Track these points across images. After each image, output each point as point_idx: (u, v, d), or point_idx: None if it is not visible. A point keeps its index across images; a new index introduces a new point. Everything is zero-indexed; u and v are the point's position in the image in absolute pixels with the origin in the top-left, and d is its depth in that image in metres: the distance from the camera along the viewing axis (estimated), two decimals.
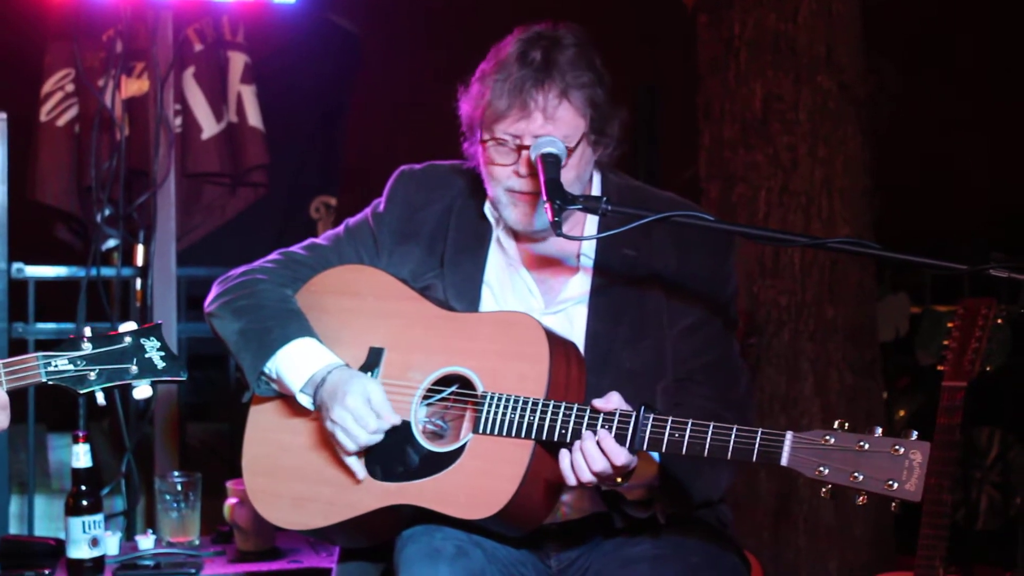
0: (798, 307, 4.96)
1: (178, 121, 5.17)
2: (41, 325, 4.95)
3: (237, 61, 5.39)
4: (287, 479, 3.04)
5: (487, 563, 2.82)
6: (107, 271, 5.07)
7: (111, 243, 5.23)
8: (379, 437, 2.89)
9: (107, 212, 5.02)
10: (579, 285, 3.01)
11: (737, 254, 3.07)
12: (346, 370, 2.96)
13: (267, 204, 5.79)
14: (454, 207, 3.12)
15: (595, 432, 2.67)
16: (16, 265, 4.84)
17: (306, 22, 5.65)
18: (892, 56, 6.78)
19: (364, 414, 2.86)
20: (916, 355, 6.44)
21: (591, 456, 2.66)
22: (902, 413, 6.67)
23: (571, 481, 2.69)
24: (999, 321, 3.45)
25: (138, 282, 5.26)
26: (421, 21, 7.78)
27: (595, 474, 2.66)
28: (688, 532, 2.90)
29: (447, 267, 3.06)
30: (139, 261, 5.26)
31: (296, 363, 2.98)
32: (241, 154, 5.38)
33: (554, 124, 2.86)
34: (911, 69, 7.25)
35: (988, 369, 3.42)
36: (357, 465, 2.92)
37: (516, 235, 3.04)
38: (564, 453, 2.70)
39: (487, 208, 3.07)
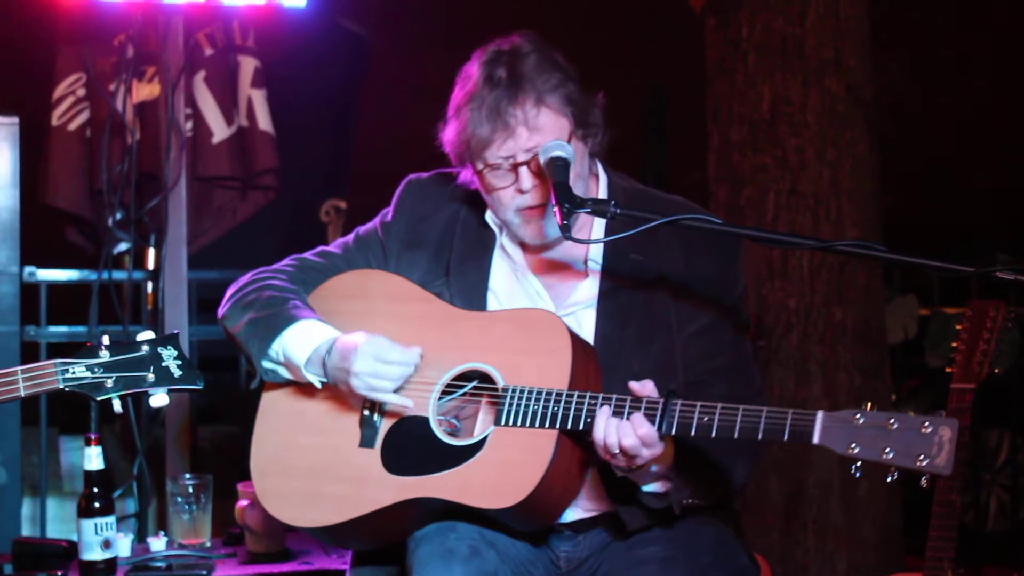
0: (807, 309, 4.97)
1: (189, 125, 5.19)
2: (53, 328, 4.98)
3: (247, 65, 5.41)
4: (299, 478, 3.05)
5: (500, 563, 2.83)
6: (118, 274, 5.10)
7: (122, 247, 5.25)
8: (410, 369, 2.91)
9: (118, 216, 5.04)
10: (587, 289, 3.02)
11: (744, 256, 3.08)
12: (351, 335, 2.98)
13: (277, 207, 5.80)
14: (460, 215, 3.14)
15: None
16: (28, 269, 4.86)
17: (316, 26, 5.67)
18: (900, 59, 6.78)
19: (385, 352, 2.89)
20: (925, 357, 6.44)
21: (623, 430, 2.68)
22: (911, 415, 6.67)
23: (600, 441, 2.70)
24: (1008, 323, 3.46)
25: (149, 285, 5.28)
26: (430, 24, 7.81)
27: (623, 449, 2.68)
28: (698, 534, 2.91)
29: (452, 275, 3.09)
30: (150, 264, 5.29)
31: (301, 340, 3.00)
32: (251, 158, 5.40)
33: (540, 133, 2.88)
34: (919, 71, 7.25)
35: (996, 371, 3.43)
36: (402, 400, 2.93)
37: (523, 243, 3.06)
38: (599, 427, 2.71)
39: (488, 216, 3.10)
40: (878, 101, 5.15)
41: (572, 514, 2.98)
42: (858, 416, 2.52)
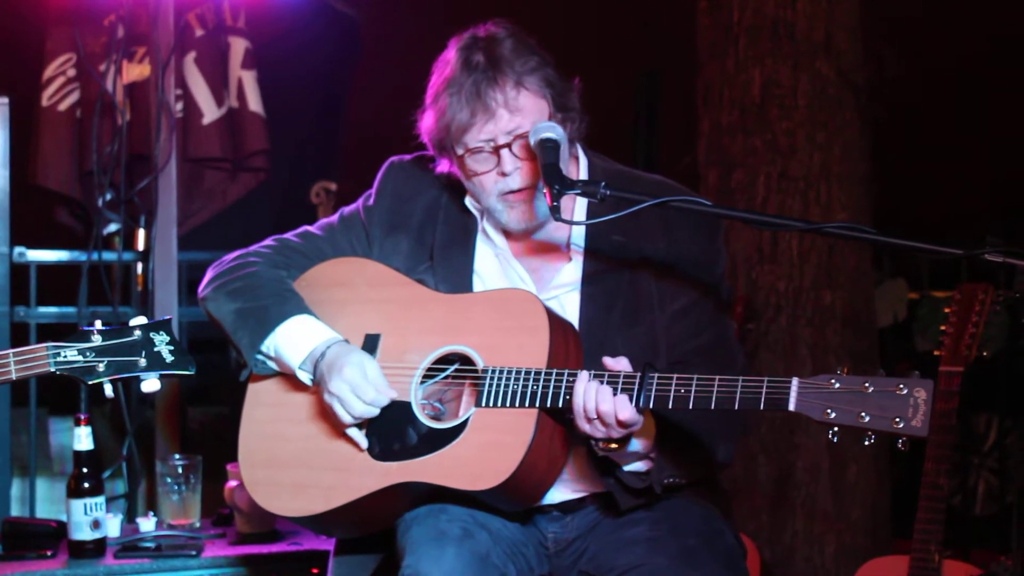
0: (796, 292, 4.98)
1: (179, 106, 5.18)
2: (43, 309, 4.97)
3: (238, 46, 5.40)
4: (287, 468, 3.05)
5: (493, 545, 2.84)
6: (108, 255, 5.09)
7: (112, 227, 5.25)
8: (375, 411, 2.91)
9: (108, 196, 5.03)
10: (571, 272, 3.02)
11: (734, 239, 3.08)
12: (345, 345, 2.99)
13: (268, 189, 5.80)
14: (442, 198, 3.14)
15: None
16: (18, 249, 4.85)
17: (307, 8, 5.65)
18: (891, 42, 6.78)
19: (361, 385, 2.89)
20: (914, 340, 6.47)
21: (602, 394, 2.68)
22: None
23: (579, 406, 2.70)
24: (996, 307, 3.47)
25: (139, 266, 5.29)
26: (421, 5, 7.79)
27: (600, 414, 2.67)
28: (685, 515, 2.91)
29: (436, 260, 3.09)
30: (140, 245, 5.28)
31: (295, 340, 3.01)
32: (242, 139, 5.39)
33: (521, 115, 2.89)
34: (910, 55, 7.26)
35: (985, 354, 3.43)
36: (359, 436, 2.94)
37: (506, 229, 3.06)
38: (579, 391, 2.71)
39: (468, 202, 3.10)
40: (869, 85, 5.16)
41: (560, 495, 2.98)
42: (833, 381, 2.52)
